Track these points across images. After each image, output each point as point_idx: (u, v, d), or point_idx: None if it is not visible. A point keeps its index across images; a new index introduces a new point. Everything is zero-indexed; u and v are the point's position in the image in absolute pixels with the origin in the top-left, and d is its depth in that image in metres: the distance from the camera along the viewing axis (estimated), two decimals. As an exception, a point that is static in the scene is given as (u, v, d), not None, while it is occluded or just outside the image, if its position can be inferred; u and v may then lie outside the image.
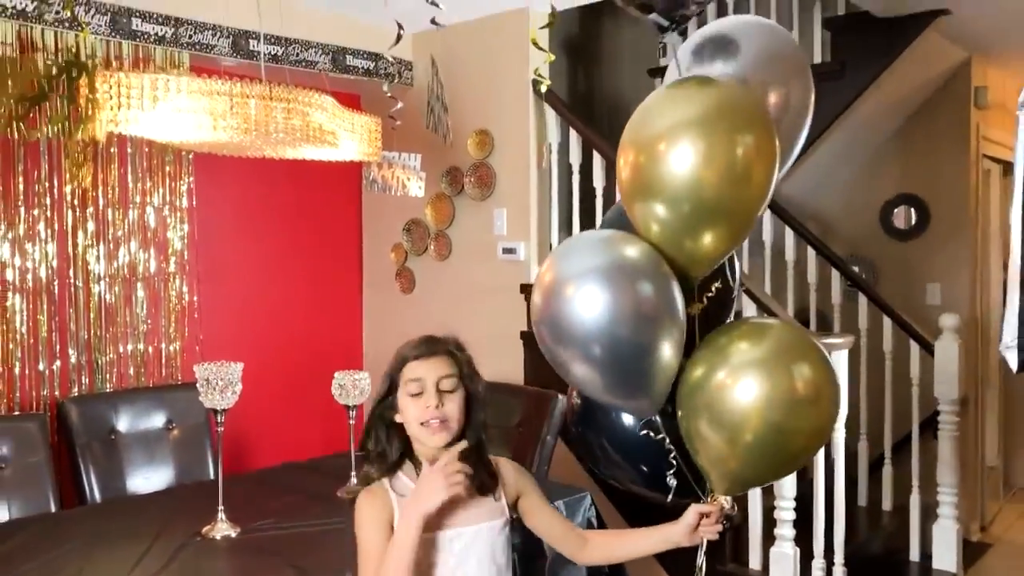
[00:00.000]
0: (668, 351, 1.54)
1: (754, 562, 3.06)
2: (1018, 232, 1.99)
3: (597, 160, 3.54)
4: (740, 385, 1.50)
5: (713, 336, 1.61)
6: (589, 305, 1.50)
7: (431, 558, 1.60)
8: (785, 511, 2.87)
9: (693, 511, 1.62)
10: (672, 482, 1.66)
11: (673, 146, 1.46)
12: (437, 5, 2.28)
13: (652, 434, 1.65)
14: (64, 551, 2.24)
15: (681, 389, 1.60)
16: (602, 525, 2.74)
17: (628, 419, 1.69)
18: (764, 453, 1.53)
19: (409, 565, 1.53)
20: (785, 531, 2.87)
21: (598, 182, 3.54)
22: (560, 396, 3.07)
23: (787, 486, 2.85)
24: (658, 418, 1.65)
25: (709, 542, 1.66)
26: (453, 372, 1.63)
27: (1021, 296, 2.00)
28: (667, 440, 1.64)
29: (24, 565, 2.13)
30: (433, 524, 1.59)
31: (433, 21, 2.49)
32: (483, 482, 1.64)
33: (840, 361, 2.84)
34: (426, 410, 1.60)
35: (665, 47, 1.67)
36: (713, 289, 1.67)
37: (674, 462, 1.65)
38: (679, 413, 1.60)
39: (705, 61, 1.68)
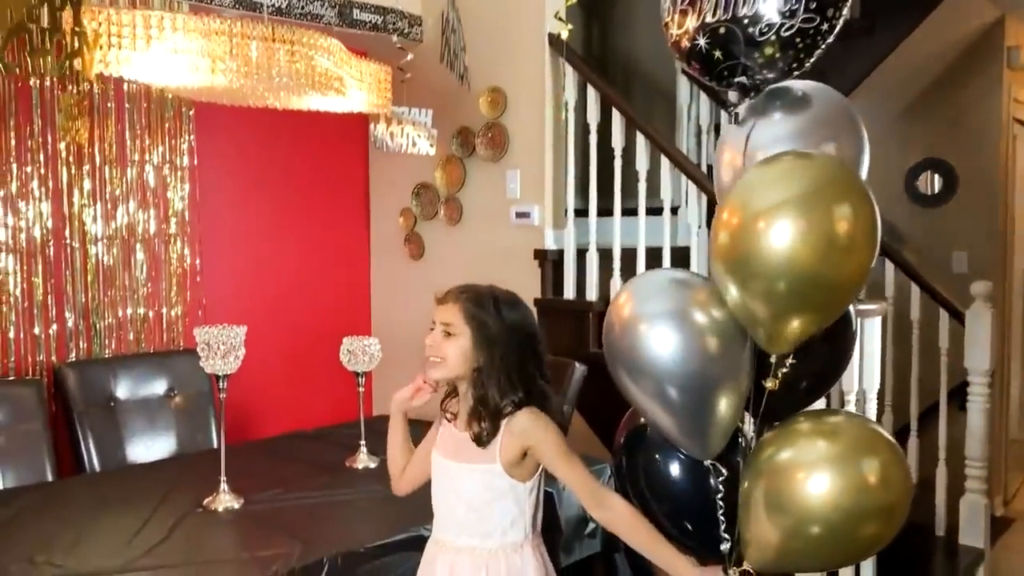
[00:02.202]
0: (726, 409, 1.56)
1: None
2: None
3: (616, 119, 3.38)
4: (812, 480, 1.50)
5: (792, 423, 1.60)
6: (660, 344, 1.53)
7: (434, 473, 1.78)
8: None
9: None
10: (725, 547, 1.63)
11: (773, 223, 1.43)
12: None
13: (715, 471, 1.64)
14: (61, 521, 2.13)
15: (748, 462, 1.60)
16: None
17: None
18: (819, 550, 1.52)
19: (394, 442, 1.88)
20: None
21: (616, 142, 3.38)
22: (578, 365, 2.95)
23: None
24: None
25: None
26: (457, 320, 1.69)
27: None
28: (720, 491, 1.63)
29: (19, 536, 2.03)
30: (439, 447, 1.77)
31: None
32: (477, 433, 1.68)
33: (873, 330, 2.70)
34: (428, 345, 1.71)
35: (737, 116, 1.65)
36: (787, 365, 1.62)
37: (722, 519, 1.63)
38: (744, 483, 1.60)
39: (762, 113, 1.64)
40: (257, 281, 3.71)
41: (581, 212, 3.57)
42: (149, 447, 2.98)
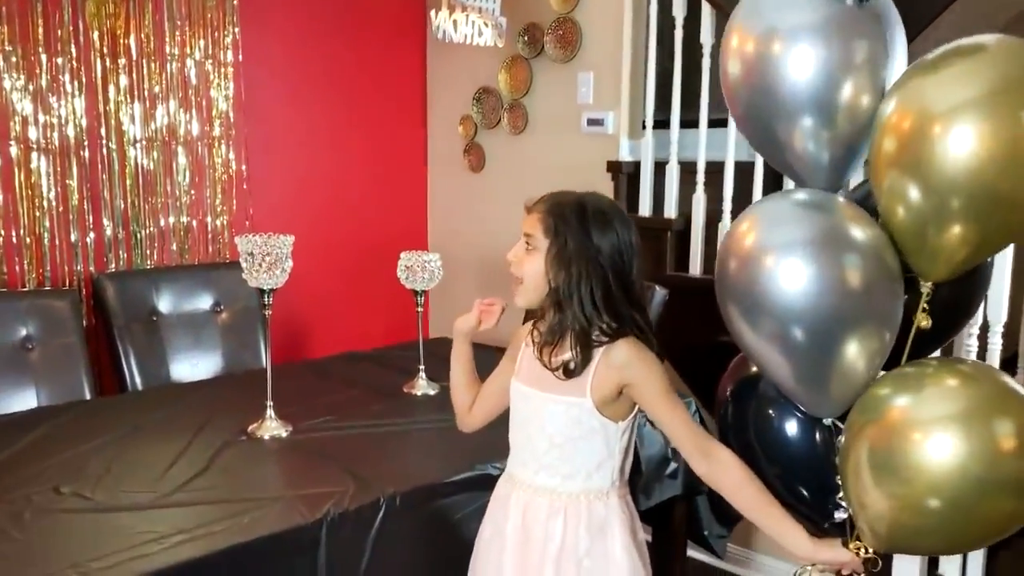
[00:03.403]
0: (859, 359, 1.34)
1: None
2: None
3: (706, 12, 2.99)
4: (932, 440, 1.24)
5: (908, 369, 1.36)
6: (790, 279, 1.33)
7: (513, 403, 1.57)
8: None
9: (842, 553, 1.38)
10: (841, 515, 1.42)
11: (952, 128, 1.20)
12: None
13: (836, 432, 1.43)
14: (94, 445, 1.94)
15: (855, 409, 1.36)
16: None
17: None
18: (939, 527, 1.26)
19: (459, 373, 1.66)
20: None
21: (706, 38, 3.00)
22: (658, 288, 2.66)
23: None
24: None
25: None
26: (536, 231, 1.47)
27: None
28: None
29: (47, 460, 1.84)
30: (521, 374, 1.56)
31: None
32: (565, 362, 1.45)
33: (1004, 258, 2.36)
34: (510, 261, 1.51)
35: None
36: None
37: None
38: (842, 437, 1.38)
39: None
40: (307, 190, 3.46)
41: (661, 124, 3.22)
42: (194, 365, 2.79)
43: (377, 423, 2.11)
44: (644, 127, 3.20)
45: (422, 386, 2.37)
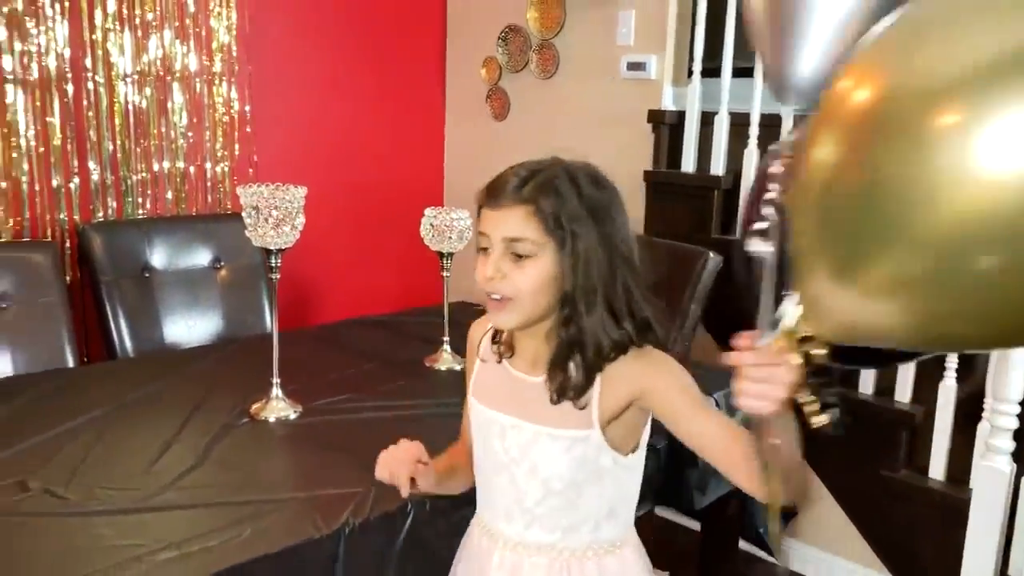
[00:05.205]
0: None
1: (936, 470, 2.41)
2: None
3: (768, -57, 2.66)
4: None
5: None
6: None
7: (478, 432, 1.23)
8: (1005, 416, 2.18)
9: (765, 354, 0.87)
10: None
11: None
12: None
13: None
14: (72, 426, 1.67)
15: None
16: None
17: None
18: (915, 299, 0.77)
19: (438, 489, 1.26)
20: (1002, 442, 2.20)
21: (767, -27, 2.68)
22: (712, 255, 2.37)
23: (1013, 385, 2.15)
24: None
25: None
26: (528, 235, 1.10)
27: None
28: None
29: (18, 443, 1.57)
30: (481, 392, 1.23)
31: None
32: (562, 384, 1.13)
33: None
34: (484, 279, 1.13)
35: None
36: None
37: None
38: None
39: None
40: (316, 136, 3.14)
41: (711, 72, 2.90)
42: (190, 327, 2.52)
43: (399, 404, 1.84)
44: (691, 74, 2.88)
45: (447, 360, 2.10)
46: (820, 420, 0.86)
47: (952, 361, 2.34)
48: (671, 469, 1.88)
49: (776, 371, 0.84)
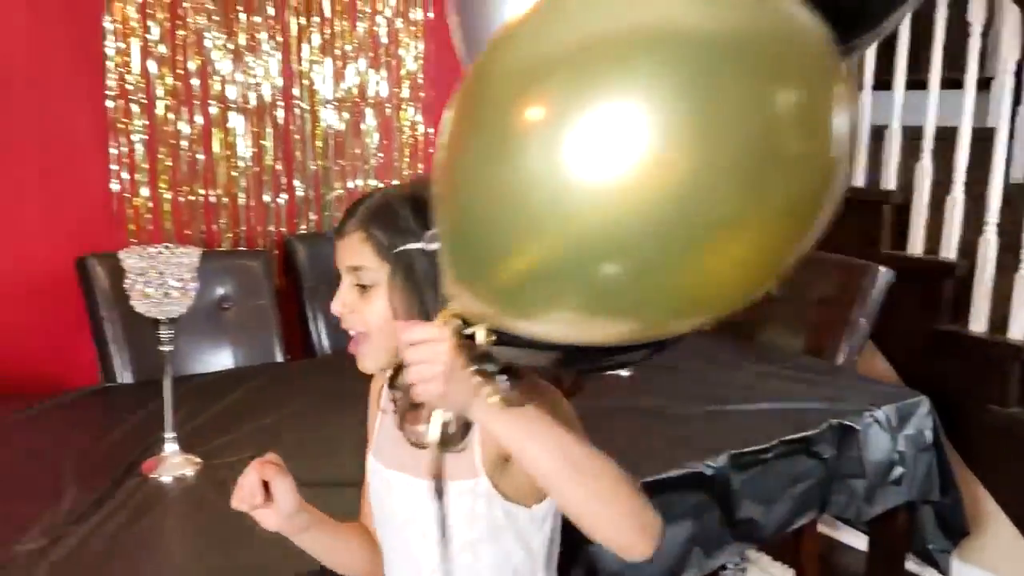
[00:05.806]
0: None
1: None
2: None
3: (946, -44, 2.64)
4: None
5: None
6: None
7: (374, 489, 1.12)
8: None
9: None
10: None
11: None
12: None
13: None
14: (286, 412, 1.92)
15: None
16: (938, 444, 2.09)
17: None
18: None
19: (316, 548, 1.14)
20: None
21: (945, -14, 2.65)
22: (883, 269, 2.37)
23: None
24: None
25: None
26: (362, 261, 1.00)
27: None
28: None
29: (242, 426, 1.83)
30: (380, 449, 1.11)
31: None
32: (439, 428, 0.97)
33: None
34: (339, 313, 1.04)
35: None
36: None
37: None
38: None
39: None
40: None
41: (882, 85, 2.89)
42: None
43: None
44: (860, 87, 2.88)
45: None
46: (492, 396, 0.82)
47: None
48: (838, 478, 1.92)
49: (434, 347, 0.79)
